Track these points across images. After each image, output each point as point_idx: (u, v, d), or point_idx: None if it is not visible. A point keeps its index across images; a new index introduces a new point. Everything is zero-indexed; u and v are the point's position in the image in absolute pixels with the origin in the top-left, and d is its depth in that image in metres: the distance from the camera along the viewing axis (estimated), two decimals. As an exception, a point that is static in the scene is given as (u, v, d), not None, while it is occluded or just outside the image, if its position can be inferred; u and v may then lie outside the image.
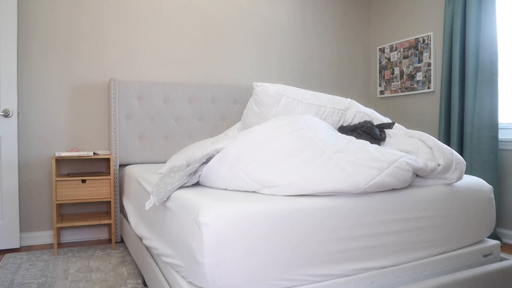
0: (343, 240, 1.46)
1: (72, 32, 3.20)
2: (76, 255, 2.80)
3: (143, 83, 3.28)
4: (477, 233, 1.89)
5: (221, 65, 3.71)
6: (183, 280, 1.43)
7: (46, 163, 3.13)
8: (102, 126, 3.30)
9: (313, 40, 4.11)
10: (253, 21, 3.83)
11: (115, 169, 3.10)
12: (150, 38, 3.44)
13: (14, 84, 2.93)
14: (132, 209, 2.50)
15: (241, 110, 3.63)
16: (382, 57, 4.20)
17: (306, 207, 1.40)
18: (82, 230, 3.22)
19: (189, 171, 1.67)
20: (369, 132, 2.01)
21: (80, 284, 2.25)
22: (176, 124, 3.40)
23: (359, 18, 4.35)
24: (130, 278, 2.35)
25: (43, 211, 3.13)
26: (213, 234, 1.25)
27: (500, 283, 1.78)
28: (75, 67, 3.21)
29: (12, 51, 2.91)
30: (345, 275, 1.47)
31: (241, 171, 1.59)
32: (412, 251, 1.64)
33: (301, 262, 1.38)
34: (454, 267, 1.76)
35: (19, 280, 2.31)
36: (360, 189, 1.48)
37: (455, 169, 1.79)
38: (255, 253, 1.30)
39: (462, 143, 3.21)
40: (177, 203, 1.53)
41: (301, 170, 1.52)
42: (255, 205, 1.34)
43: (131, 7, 3.38)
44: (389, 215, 1.57)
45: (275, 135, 1.70)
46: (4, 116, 2.90)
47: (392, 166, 1.55)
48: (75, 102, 3.22)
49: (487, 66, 3.01)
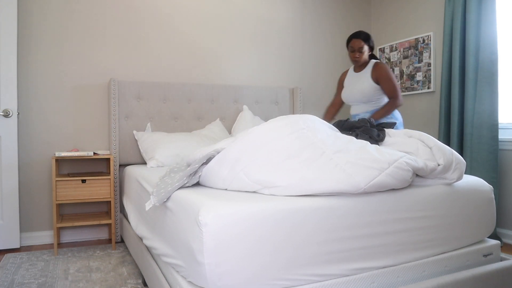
0: (343, 240, 1.46)
1: (72, 32, 3.20)
2: (76, 255, 2.80)
3: (143, 83, 3.28)
4: (477, 233, 1.89)
5: (221, 65, 3.71)
6: (183, 280, 1.43)
7: (46, 163, 3.13)
8: (102, 126, 3.30)
9: (313, 40, 4.11)
10: (252, 21, 3.83)
11: (115, 169, 3.10)
12: (150, 38, 3.44)
13: (14, 84, 2.92)
14: (132, 209, 2.50)
15: (240, 110, 3.63)
16: (382, 57, 4.20)
17: (306, 207, 1.40)
18: (82, 230, 3.22)
19: (189, 172, 1.67)
20: (368, 132, 2.01)
21: (80, 284, 2.25)
22: (176, 124, 3.40)
23: (359, 18, 4.35)
24: (130, 278, 2.35)
25: (43, 211, 3.13)
26: (213, 234, 1.25)
27: (500, 283, 1.78)
28: (75, 67, 3.21)
29: (12, 51, 2.91)
30: (345, 275, 1.47)
31: (241, 172, 1.59)
32: (412, 251, 1.64)
33: (301, 262, 1.38)
34: (454, 267, 1.76)
35: (19, 280, 2.31)
36: (360, 190, 1.48)
37: (455, 169, 1.79)
38: (255, 253, 1.30)
39: (462, 143, 3.21)
40: (177, 203, 1.53)
41: (301, 170, 1.52)
42: (255, 205, 1.34)
43: (131, 7, 3.38)
44: (389, 215, 1.57)
45: (275, 135, 1.69)
46: (4, 116, 2.90)
47: (392, 167, 1.55)
48: (75, 102, 3.22)
49: (487, 66, 3.01)
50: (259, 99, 3.71)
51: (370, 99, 2.88)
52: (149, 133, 3.17)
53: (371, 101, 2.89)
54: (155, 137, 3.09)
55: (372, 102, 2.90)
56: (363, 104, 2.93)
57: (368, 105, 2.92)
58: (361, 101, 2.92)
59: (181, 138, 3.11)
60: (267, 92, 3.74)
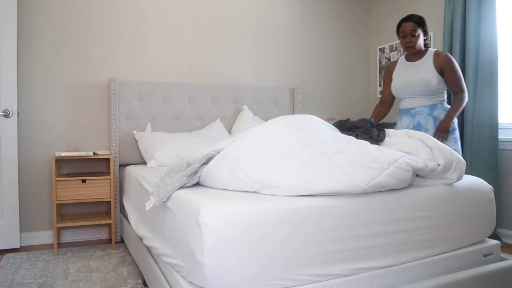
0: (343, 240, 1.46)
1: (72, 32, 3.20)
2: (76, 255, 2.80)
3: (143, 83, 3.28)
4: (477, 233, 1.89)
5: (221, 65, 3.71)
6: (183, 280, 1.43)
7: (46, 163, 3.13)
8: (102, 126, 3.30)
9: (312, 40, 4.11)
10: (253, 21, 3.83)
11: (115, 169, 3.10)
12: (150, 38, 3.44)
13: (14, 84, 2.92)
14: (132, 209, 2.50)
15: (240, 110, 3.63)
16: (382, 57, 4.20)
17: (306, 207, 1.40)
18: (82, 230, 3.22)
19: (189, 172, 1.67)
20: (368, 132, 2.01)
21: (80, 284, 2.25)
22: (176, 124, 3.40)
23: (359, 18, 4.35)
24: (130, 278, 2.35)
25: (43, 211, 3.13)
26: (213, 234, 1.25)
27: (500, 283, 1.78)
28: (75, 67, 3.21)
29: (12, 51, 2.91)
30: (345, 275, 1.47)
31: (241, 172, 1.59)
32: (412, 251, 1.64)
33: (301, 262, 1.38)
34: (454, 267, 1.76)
35: (19, 280, 2.31)
36: (360, 190, 1.48)
37: (455, 169, 1.79)
38: (255, 253, 1.30)
39: (462, 143, 3.21)
40: (177, 203, 1.53)
41: (301, 170, 1.52)
42: (255, 205, 1.34)
43: (132, 7, 3.38)
44: (389, 215, 1.57)
45: (275, 135, 1.69)
46: (4, 116, 2.90)
47: (392, 167, 1.55)
48: (75, 102, 3.22)
49: (487, 66, 3.01)
50: (259, 99, 3.71)
51: (433, 92, 2.59)
52: (149, 133, 3.17)
53: (433, 94, 2.60)
54: (155, 137, 3.09)
55: (433, 96, 2.61)
56: (422, 97, 2.62)
57: (427, 98, 2.62)
58: (421, 93, 2.62)
59: (181, 138, 3.11)
60: (267, 92, 3.74)
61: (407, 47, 2.62)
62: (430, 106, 2.62)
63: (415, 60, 2.68)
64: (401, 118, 2.79)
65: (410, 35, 2.59)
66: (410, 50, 2.63)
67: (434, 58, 2.60)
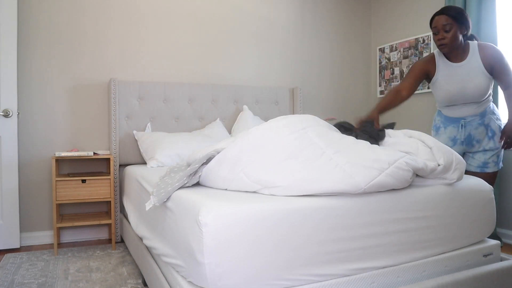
0: (343, 240, 1.46)
1: (72, 32, 3.20)
2: (76, 255, 2.80)
3: (143, 83, 3.28)
4: (477, 233, 1.89)
5: (221, 65, 3.71)
6: (183, 280, 1.43)
7: (46, 163, 3.13)
8: (102, 126, 3.30)
9: (313, 40, 4.11)
10: (253, 21, 3.83)
11: (115, 169, 3.10)
12: (150, 38, 3.44)
13: (14, 84, 2.93)
14: (132, 209, 2.50)
15: (240, 110, 3.63)
16: (382, 57, 4.20)
17: (305, 207, 1.40)
18: (82, 230, 3.22)
19: (189, 172, 1.67)
20: (367, 132, 2.01)
21: (80, 284, 2.25)
22: (176, 124, 3.40)
23: (359, 18, 4.35)
24: (130, 278, 2.35)
25: (43, 211, 3.13)
26: (213, 234, 1.25)
27: (500, 283, 1.78)
28: (75, 67, 3.21)
29: (12, 51, 2.91)
30: (345, 275, 1.47)
31: (241, 172, 1.59)
32: (412, 251, 1.64)
33: (301, 262, 1.38)
34: (454, 267, 1.76)
35: (19, 280, 2.31)
36: (360, 190, 1.48)
37: (455, 169, 1.78)
38: (255, 253, 1.30)
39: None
40: (177, 203, 1.53)
41: (301, 170, 1.52)
42: (255, 205, 1.34)
43: (131, 7, 3.38)
44: (389, 215, 1.57)
45: (275, 135, 1.70)
46: (4, 116, 2.90)
47: (392, 167, 1.55)
48: (75, 102, 3.22)
49: (487, 66, 3.00)
50: (259, 99, 3.71)
51: (486, 96, 2.30)
52: (149, 133, 3.17)
53: (484, 99, 2.31)
54: (155, 137, 3.09)
55: (484, 101, 2.32)
56: (475, 104, 2.32)
57: (479, 105, 2.33)
58: (475, 100, 2.31)
59: (181, 138, 3.11)
60: (267, 92, 3.74)
61: (440, 44, 2.26)
62: (480, 114, 2.34)
63: (460, 60, 2.32)
64: (446, 126, 2.46)
65: (442, 29, 2.22)
66: (444, 48, 2.27)
67: (481, 55, 2.26)
